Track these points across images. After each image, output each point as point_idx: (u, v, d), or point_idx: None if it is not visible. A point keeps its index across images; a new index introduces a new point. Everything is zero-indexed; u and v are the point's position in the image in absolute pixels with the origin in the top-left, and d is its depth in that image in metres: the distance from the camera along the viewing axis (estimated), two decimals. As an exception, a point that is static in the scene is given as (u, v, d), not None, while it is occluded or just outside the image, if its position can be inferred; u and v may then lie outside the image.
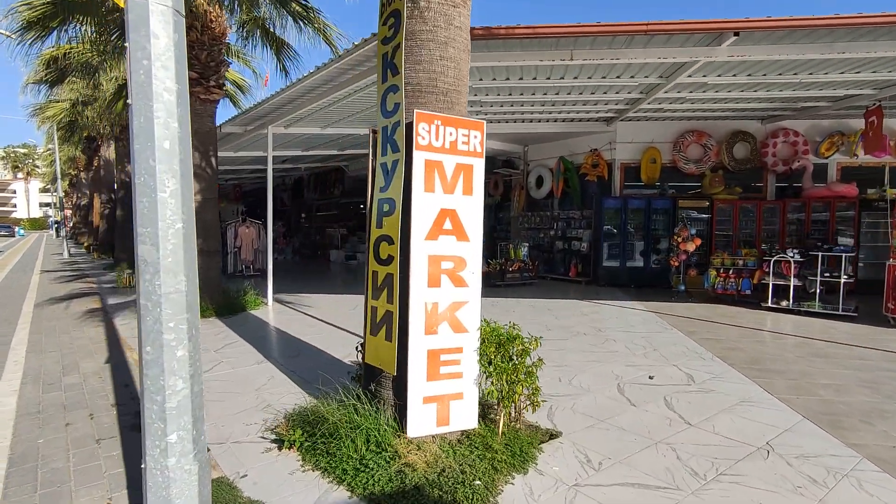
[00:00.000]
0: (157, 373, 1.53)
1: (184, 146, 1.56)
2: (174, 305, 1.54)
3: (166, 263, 1.52)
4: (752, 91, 7.16)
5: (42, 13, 6.46)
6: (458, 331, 2.85)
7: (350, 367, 4.60)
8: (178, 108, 1.53)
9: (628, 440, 3.06)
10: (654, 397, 3.83)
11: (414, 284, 2.72)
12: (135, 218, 1.55)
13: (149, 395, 1.53)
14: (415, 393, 2.74)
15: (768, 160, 10.36)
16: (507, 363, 2.93)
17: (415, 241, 2.72)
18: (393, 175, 2.82)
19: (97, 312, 7.59)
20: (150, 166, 1.49)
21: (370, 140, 3.06)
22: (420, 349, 2.75)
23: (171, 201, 1.52)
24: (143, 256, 1.52)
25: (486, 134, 2.92)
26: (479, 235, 2.91)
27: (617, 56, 4.90)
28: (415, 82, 2.80)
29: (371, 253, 2.98)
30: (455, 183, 2.82)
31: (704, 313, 7.47)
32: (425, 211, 2.74)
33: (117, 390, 4.06)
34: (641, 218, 10.57)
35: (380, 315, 2.91)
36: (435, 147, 2.75)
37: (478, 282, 2.91)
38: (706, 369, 4.57)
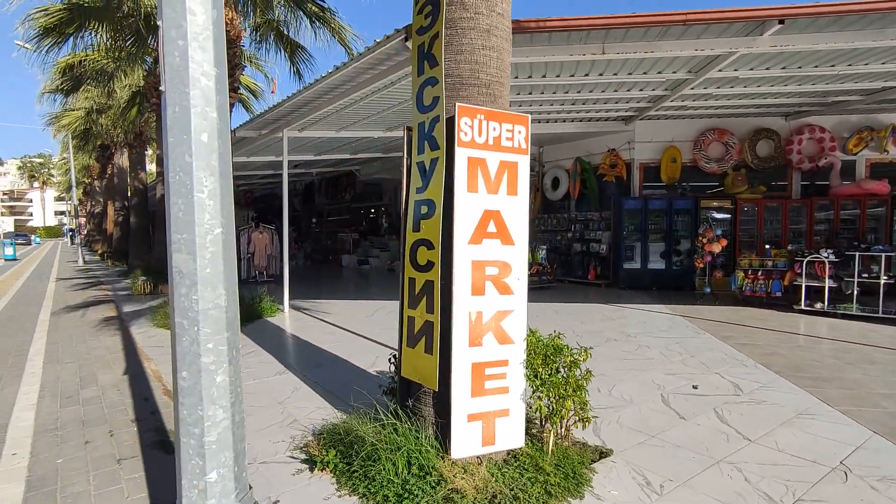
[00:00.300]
0: (194, 402, 1.34)
1: (223, 139, 1.38)
2: (213, 323, 1.35)
3: (204, 275, 1.34)
4: (782, 85, 6.89)
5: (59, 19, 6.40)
6: (504, 342, 2.64)
7: (375, 378, 4.41)
8: (217, 96, 1.35)
9: (686, 459, 2.82)
10: (702, 409, 3.59)
11: (457, 292, 2.51)
12: (168, 222, 1.37)
13: (185, 428, 1.34)
14: (459, 410, 2.53)
15: (793, 158, 10.04)
16: (556, 376, 2.72)
17: (457, 245, 2.52)
18: (432, 175, 2.63)
19: (113, 321, 7.49)
20: (186, 163, 1.31)
21: (404, 138, 2.88)
22: (464, 363, 2.54)
23: (209, 203, 1.34)
24: (177, 267, 1.34)
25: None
26: (524, 239, 2.70)
27: (651, 49, 4.68)
28: (455, 74, 2.61)
29: (407, 258, 2.79)
30: (499, 182, 2.62)
31: (734, 316, 7.18)
32: (468, 213, 2.54)
33: (136, 404, 3.90)
34: (662, 219, 10.29)
35: (418, 325, 2.71)
36: (478, 143, 2.55)
37: (523, 289, 2.70)
38: (751, 377, 4.31)
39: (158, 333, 6.43)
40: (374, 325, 6.75)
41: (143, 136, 14.74)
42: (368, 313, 7.73)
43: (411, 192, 2.80)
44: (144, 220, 14.58)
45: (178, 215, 1.33)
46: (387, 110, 8.14)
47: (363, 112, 8.34)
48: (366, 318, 7.39)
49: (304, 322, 7.12)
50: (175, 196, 1.33)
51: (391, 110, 8.08)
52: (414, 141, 2.79)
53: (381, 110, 8.18)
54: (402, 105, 7.68)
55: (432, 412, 2.67)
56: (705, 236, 8.71)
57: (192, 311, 1.33)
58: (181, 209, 1.33)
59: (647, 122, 10.11)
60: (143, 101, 11.70)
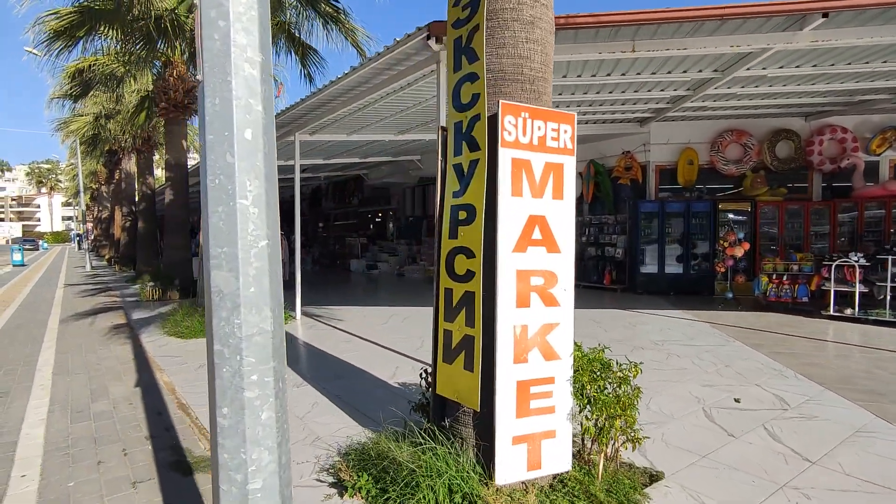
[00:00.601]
0: (236, 443, 1.15)
1: (268, 137, 1.19)
2: (258, 351, 1.17)
3: (248, 295, 1.15)
4: (808, 84, 6.68)
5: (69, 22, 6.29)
6: (550, 358, 2.45)
7: (397, 390, 4.22)
8: (262, 87, 1.17)
9: (745, 483, 2.61)
10: (750, 425, 3.37)
11: (501, 304, 2.32)
12: (205, 234, 1.18)
13: (225, 474, 1.15)
14: (503, 433, 2.33)
15: (814, 159, 9.79)
16: (605, 394, 2.52)
17: (501, 253, 2.33)
18: (471, 177, 2.44)
19: (123, 328, 7.33)
20: (228, 164, 1.13)
21: (438, 139, 2.70)
22: (508, 381, 2.35)
23: (253, 210, 1.16)
24: (217, 286, 1.15)
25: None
26: (570, 246, 2.51)
27: (683, 46, 4.49)
28: (496, 69, 2.43)
29: (443, 267, 2.60)
30: (544, 185, 2.43)
31: (761, 323, 6.94)
32: (512, 218, 2.35)
33: (150, 420, 3.72)
34: (680, 222, 10.06)
35: (456, 340, 2.52)
36: (522, 144, 2.37)
37: (570, 300, 2.51)
38: (795, 390, 4.09)
39: (169, 342, 6.27)
40: (390, 333, 6.55)
41: (152, 141, 14.67)
42: (382, 320, 7.54)
43: (447, 196, 2.61)
44: (152, 226, 14.48)
45: (219, 226, 1.14)
46: (400, 113, 7.98)
47: (375, 115, 8.19)
48: (380, 325, 7.20)
49: (317, 330, 6.94)
50: (214, 203, 1.14)
51: (405, 113, 7.93)
52: (450, 142, 2.61)
53: (395, 113, 8.02)
54: (416, 107, 7.53)
55: (473, 434, 2.47)
56: (727, 240, 8.48)
57: (234, 337, 1.15)
58: (221, 218, 1.14)
59: (664, 124, 9.90)
60: (151, 105, 11.60)
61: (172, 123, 10.73)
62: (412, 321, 7.40)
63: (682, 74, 6.01)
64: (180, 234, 11.00)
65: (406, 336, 6.34)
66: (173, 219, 10.88)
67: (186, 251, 11.21)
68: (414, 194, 16.41)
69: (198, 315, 6.73)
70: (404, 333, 6.52)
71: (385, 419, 3.15)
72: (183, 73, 10.45)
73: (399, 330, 6.80)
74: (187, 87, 10.57)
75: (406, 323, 7.31)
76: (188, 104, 10.72)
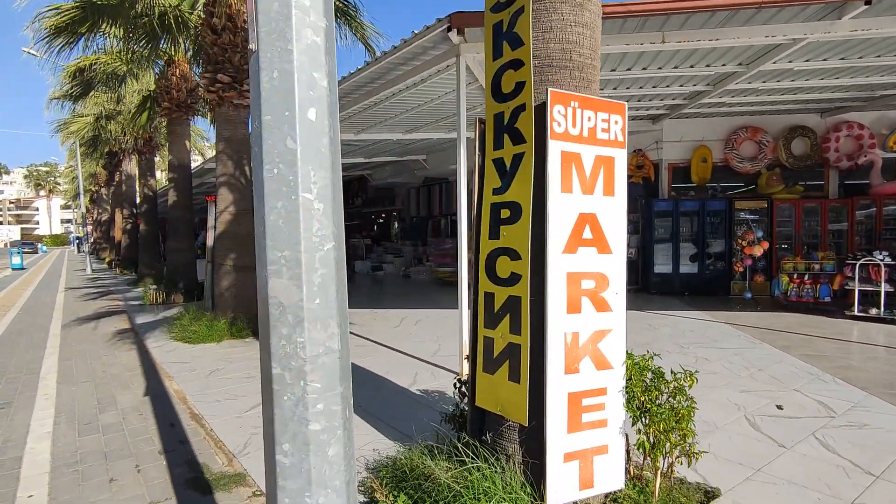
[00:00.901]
0: (300, 485, 0.95)
1: (333, 118, 1.00)
2: (325, 375, 0.97)
3: (313, 308, 0.96)
4: (832, 78, 6.49)
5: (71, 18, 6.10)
6: (602, 367, 2.26)
7: (420, 398, 4.03)
8: (327, 59, 0.98)
9: (809, 500, 2.42)
10: (799, 434, 3.18)
11: (551, 310, 2.14)
12: (260, 236, 0.99)
13: (288, 521, 0.96)
14: (554, 449, 2.15)
15: (830, 156, 9.61)
16: (659, 405, 2.33)
17: (551, 255, 2.14)
18: (515, 173, 2.25)
19: (127, 333, 7.14)
20: (289, 150, 0.94)
21: (476, 132, 2.51)
22: (559, 393, 2.16)
23: (318, 206, 0.97)
24: (276, 298, 0.96)
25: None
26: (622, 246, 2.32)
27: (715, 36, 4.30)
28: (543, 55, 2.24)
29: (482, 270, 2.41)
30: (595, 180, 2.24)
31: (784, 323, 6.75)
32: (562, 217, 2.17)
33: (162, 432, 3.53)
34: (694, 221, 9.88)
35: (498, 348, 2.33)
36: (572, 136, 2.18)
37: (622, 304, 2.32)
38: (837, 395, 3.90)
39: (176, 348, 6.08)
40: (404, 337, 6.36)
41: (153, 142, 14.47)
42: (394, 323, 7.35)
43: (486, 193, 2.42)
44: (154, 228, 14.28)
45: (278, 224, 0.95)
46: (410, 111, 7.80)
47: (384, 113, 8.01)
48: (393, 328, 7.01)
49: (328, 334, 6.74)
50: (272, 198, 0.95)
51: (414, 111, 7.74)
52: (489, 135, 2.42)
53: (404, 111, 7.85)
54: (427, 105, 7.35)
55: (519, 450, 2.28)
56: (745, 238, 8.30)
57: (298, 358, 0.95)
58: (281, 216, 0.95)
59: (677, 121, 9.72)
60: (153, 105, 11.41)
61: (175, 123, 10.55)
62: (425, 324, 7.21)
63: (705, 69, 5.83)
64: (184, 235, 10.81)
65: (421, 340, 6.15)
66: (177, 220, 10.69)
67: (190, 253, 11.01)
68: (419, 195, 16.21)
69: (205, 319, 6.54)
70: (419, 337, 6.33)
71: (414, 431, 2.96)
72: (186, 72, 10.27)
73: (413, 334, 6.61)
74: (190, 86, 10.38)
75: (419, 326, 7.12)
76: (191, 104, 10.54)
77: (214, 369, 5.05)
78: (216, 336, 6.35)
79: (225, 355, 5.65)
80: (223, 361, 5.37)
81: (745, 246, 8.28)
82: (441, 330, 6.71)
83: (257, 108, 0.96)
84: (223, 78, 6.67)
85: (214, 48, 6.67)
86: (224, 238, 6.85)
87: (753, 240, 8.26)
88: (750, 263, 8.42)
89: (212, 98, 6.80)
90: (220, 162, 6.88)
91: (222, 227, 6.85)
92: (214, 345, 6.19)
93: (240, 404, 4.00)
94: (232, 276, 6.78)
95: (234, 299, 6.77)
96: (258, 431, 3.43)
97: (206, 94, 6.89)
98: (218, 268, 6.90)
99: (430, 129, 9.30)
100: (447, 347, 5.67)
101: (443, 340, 6.07)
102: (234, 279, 6.79)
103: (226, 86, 6.70)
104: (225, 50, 6.67)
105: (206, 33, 6.69)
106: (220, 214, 6.90)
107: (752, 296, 8.42)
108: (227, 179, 6.83)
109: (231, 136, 6.87)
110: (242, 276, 6.86)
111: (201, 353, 5.81)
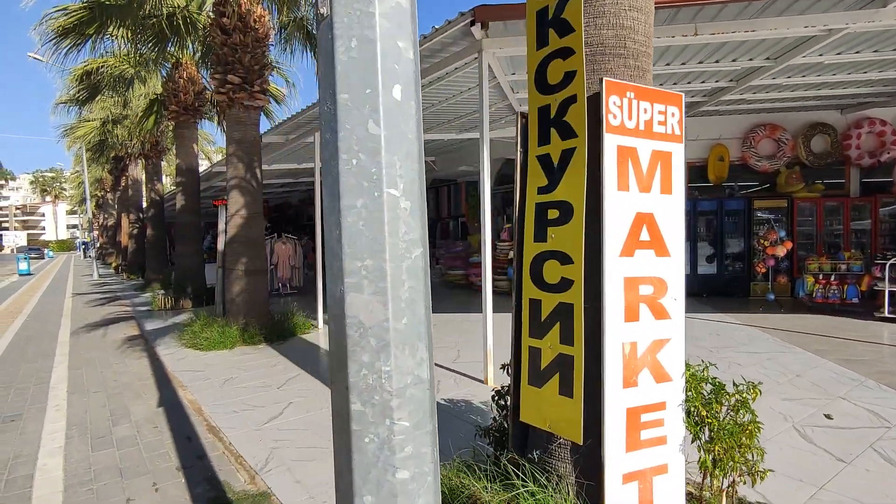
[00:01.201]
0: (387, 545, 0.78)
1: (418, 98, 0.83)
2: (415, 411, 0.78)
3: (399, 329, 0.78)
4: (860, 73, 6.29)
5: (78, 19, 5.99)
6: (661, 380, 2.08)
7: (445, 408, 3.85)
8: (412, 25, 0.81)
9: (885, 522, 2.23)
10: (856, 447, 2.99)
11: (609, 319, 1.96)
12: (333, 240, 0.80)
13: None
14: (613, 470, 1.97)
15: (852, 153, 9.38)
16: (722, 420, 2.15)
17: (608, 258, 1.97)
18: (565, 169, 2.08)
19: (137, 340, 7.01)
20: (371, 136, 0.76)
21: (517, 127, 2.34)
22: (618, 408, 1.98)
23: (405, 205, 0.79)
24: (354, 316, 0.78)
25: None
26: (681, 249, 2.15)
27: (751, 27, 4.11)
28: (595, 43, 2.07)
29: (527, 275, 2.24)
30: (651, 177, 2.07)
31: (812, 326, 6.54)
32: (619, 217, 1.99)
33: (178, 446, 3.37)
34: (712, 220, 9.67)
35: (546, 360, 2.15)
36: (628, 129, 2.01)
37: (681, 311, 2.14)
38: (887, 403, 3.70)
39: (188, 355, 5.93)
40: (420, 342, 6.18)
41: (160, 146, 14.39)
42: (408, 328, 7.17)
43: (530, 192, 2.25)
44: (161, 232, 14.19)
45: (357, 227, 0.77)
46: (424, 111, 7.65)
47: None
48: (408, 333, 6.83)
49: (342, 339, 6.57)
50: (350, 195, 0.77)
51: (428, 111, 7.58)
52: (532, 129, 2.25)
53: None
54: (441, 105, 7.19)
55: (572, 470, 2.10)
56: (767, 238, 8.08)
57: (383, 391, 0.78)
58: (361, 217, 0.78)
59: (693, 119, 9.51)
60: (160, 109, 11.31)
61: (182, 127, 10.43)
62: (441, 329, 7.03)
63: (731, 64, 5.64)
64: (192, 240, 10.69)
65: (439, 346, 5.98)
66: (185, 225, 10.57)
67: (198, 258, 10.89)
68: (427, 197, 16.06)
69: (217, 325, 6.39)
70: (436, 343, 6.15)
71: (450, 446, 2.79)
72: (193, 75, 10.15)
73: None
74: (198, 89, 10.27)
75: (436, 331, 6.91)
76: (198, 107, 10.43)
77: (228, 378, 4.90)
78: (228, 343, 6.20)
79: (238, 363, 5.50)
80: (237, 369, 5.21)
81: (767, 246, 8.06)
82: (458, 335, 6.54)
83: (330, 87, 0.79)
84: (233, 79, 6.54)
85: (224, 48, 6.55)
86: (235, 242, 6.70)
87: (776, 240, 8.04)
88: (773, 264, 8.20)
89: (222, 99, 6.67)
90: (230, 164, 6.74)
91: (233, 231, 6.71)
92: (227, 352, 6.04)
93: (257, 415, 3.84)
94: (243, 281, 6.63)
95: (246, 304, 6.62)
96: (279, 445, 3.27)
97: (215, 95, 6.76)
98: (229, 272, 6.76)
99: (441, 129, 9.14)
100: (467, 354, 5.50)
101: (462, 346, 5.89)
102: (246, 284, 6.65)
103: (236, 87, 6.57)
104: (235, 50, 6.55)
105: (215, 33, 6.56)
106: (230, 218, 6.76)
107: (775, 297, 8.20)
108: (237, 182, 6.69)
109: (242, 138, 6.73)
110: (254, 281, 6.72)
111: (214, 360, 5.66)
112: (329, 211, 0.83)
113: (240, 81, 6.58)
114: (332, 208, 0.83)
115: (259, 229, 6.91)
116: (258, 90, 6.75)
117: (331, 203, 0.82)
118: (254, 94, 6.70)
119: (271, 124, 10.81)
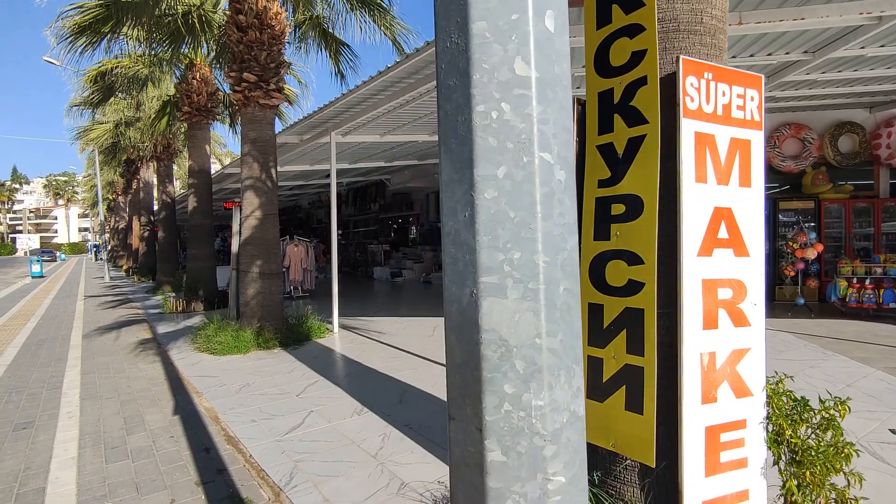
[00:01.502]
0: None
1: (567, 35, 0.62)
2: (570, 461, 0.54)
3: (554, 348, 0.59)
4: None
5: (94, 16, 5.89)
6: (742, 395, 1.86)
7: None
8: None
9: None
10: (932, 467, 2.73)
11: (687, 326, 1.74)
12: (462, 223, 0.55)
13: None
14: (691, 496, 1.75)
15: (881, 153, 9.07)
16: (810, 441, 1.92)
17: (685, 258, 1.76)
18: (632, 159, 1.87)
19: (150, 344, 6.86)
20: (519, 80, 0.50)
21: (574, 114, 2.13)
22: (696, 427, 1.76)
23: (560, 176, 0.56)
24: (493, 330, 0.58)
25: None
26: (760, 248, 1.93)
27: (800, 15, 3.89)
28: (668, 18, 1.87)
29: (585, 277, 2.03)
30: (730, 168, 1.86)
31: (850, 332, 6.24)
32: (697, 212, 1.78)
33: (196, 458, 3.18)
34: (735, 223, 9.38)
35: (609, 371, 1.94)
36: (706, 114, 1.80)
37: (761, 318, 1.92)
38: (952, 417, 3.43)
39: (201, 360, 5.77)
40: (440, 348, 5.98)
41: (172, 148, 14.37)
42: (426, 332, 6.98)
43: (588, 186, 2.04)
44: (172, 235, 14.13)
45: (500, 206, 0.58)
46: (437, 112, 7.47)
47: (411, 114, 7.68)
48: (426, 337, 6.64)
49: (360, 344, 6.39)
50: (487, 161, 0.57)
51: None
52: (590, 117, 2.05)
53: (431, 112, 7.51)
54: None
55: (641, 495, 1.88)
56: (797, 241, 7.78)
57: (533, 435, 0.57)
58: (504, 190, 0.58)
59: (715, 118, 9.27)
60: (173, 110, 11.25)
61: (195, 128, 10.35)
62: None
63: (766, 58, 5.40)
64: (204, 242, 10.57)
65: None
66: (196, 227, 10.46)
67: (210, 260, 10.76)
68: (438, 199, 15.90)
69: (231, 329, 6.23)
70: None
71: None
72: (206, 76, 10.07)
73: (449, 344, 6.22)
74: (211, 90, 10.19)
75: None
76: (211, 108, 10.34)
77: (245, 384, 4.72)
78: (243, 347, 6.03)
79: (254, 368, 5.32)
80: (253, 375, 5.03)
81: (796, 248, 7.77)
82: (479, 340, 6.31)
83: (458, 12, 0.54)
84: (249, 77, 6.40)
85: (240, 46, 6.42)
86: (250, 244, 6.55)
87: (806, 242, 7.74)
88: (802, 267, 7.90)
89: (237, 98, 6.53)
90: (245, 164, 6.60)
91: (248, 233, 6.55)
92: (241, 356, 5.87)
93: (277, 425, 3.65)
94: (258, 284, 6.47)
95: (261, 308, 6.46)
96: (303, 458, 3.07)
97: (231, 94, 6.63)
98: (243, 275, 6.60)
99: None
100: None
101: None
102: (261, 286, 6.48)
103: (252, 85, 6.43)
104: (251, 48, 6.41)
105: (231, 31, 6.44)
106: (245, 219, 6.61)
107: (805, 302, 7.89)
108: (252, 182, 6.54)
109: (257, 138, 6.59)
110: (269, 283, 6.55)
111: (228, 365, 5.49)
112: (451, 185, 0.62)
113: (255, 79, 6.44)
114: (457, 180, 0.62)
115: (274, 230, 6.75)
116: (274, 88, 6.60)
117: (455, 174, 0.62)
118: (270, 92, 6.56)
119: (283, 125, 10.72)
